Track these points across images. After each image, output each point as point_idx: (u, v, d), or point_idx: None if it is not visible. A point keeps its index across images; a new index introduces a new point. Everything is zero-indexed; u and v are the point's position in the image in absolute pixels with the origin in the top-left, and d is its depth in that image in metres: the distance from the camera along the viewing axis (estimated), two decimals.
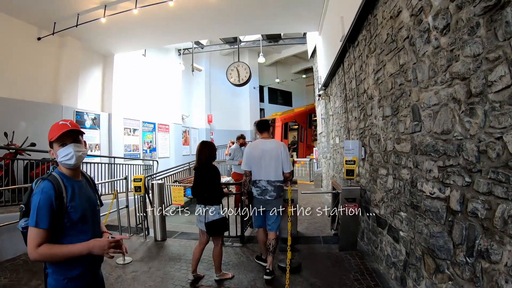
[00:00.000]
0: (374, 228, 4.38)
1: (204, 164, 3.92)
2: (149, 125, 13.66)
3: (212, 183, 3.88)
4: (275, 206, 4.08)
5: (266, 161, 4.04)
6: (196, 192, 3.94)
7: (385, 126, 3.76)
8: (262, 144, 4.12)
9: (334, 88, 7.73)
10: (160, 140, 14.31)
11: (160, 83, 14.40)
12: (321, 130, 10.97)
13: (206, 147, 3.95)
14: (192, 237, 5.69)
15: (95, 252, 1.71)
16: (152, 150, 13.79)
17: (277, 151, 4.05)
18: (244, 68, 10.26)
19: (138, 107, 12.82)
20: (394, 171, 3.53)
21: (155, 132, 14.05)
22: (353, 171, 4.51)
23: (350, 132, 5.97)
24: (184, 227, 6.67)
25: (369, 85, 4.38)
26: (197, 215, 3.93)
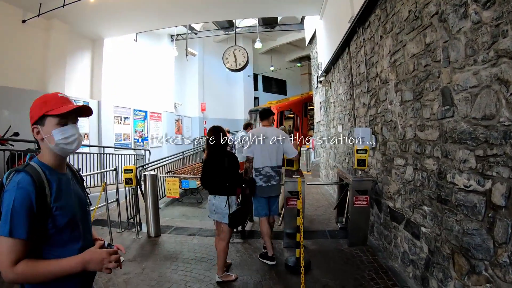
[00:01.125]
0: (387, 222, 4.12)
1: (220, 151, 3.64)
2: (141, 113, 13.32)
3: (232, 171, 3.60)
4: (278, 190, 4.22)
5: (269, 148, 4.10)
6: (211, 182, 3.65)
7: (404, 112, 3.46)
8: (264, 131, 4.17)
9: (337, 74, 7.40)
10: (152, 128, 14.02)
11: (152, 70, 14.02)
12: (320, 118, 10.67)
13: (219, 133, 3.66)
14: (189, 232, 5.37)
15: (91, 267, 1.34)
16: (144, 139, 13.47)
17: (277, 138, 4.13)
18: (241, 52, 9.83)
19: (129, 95, 12.45)
20: (415, 161, 3.24)
21: (147, 121, 13.70)
22: (364, 161, 4.22)
23: (356, 119, 5.67)
24: (179, 221, 6.35)
25: (383, 68, 4.06)
26: (211, 207, 3.66)
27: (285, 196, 4.42)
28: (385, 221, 4.18)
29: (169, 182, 5.57)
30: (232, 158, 3.66)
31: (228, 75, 19.57)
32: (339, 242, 4.66)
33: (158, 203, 5.55)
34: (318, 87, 10.67)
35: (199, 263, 4.14)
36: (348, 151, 6.42)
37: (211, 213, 3.70)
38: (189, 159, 12.42)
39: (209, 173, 3.64)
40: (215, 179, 3.59)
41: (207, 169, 3.66)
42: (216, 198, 3.60)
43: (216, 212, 3.62)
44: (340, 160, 7.40)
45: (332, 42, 7.03)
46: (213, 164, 3.61)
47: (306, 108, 17.07)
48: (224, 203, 3.55)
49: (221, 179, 3.56)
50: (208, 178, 3.65)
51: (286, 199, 4.38)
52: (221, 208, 3.56)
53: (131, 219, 5.69)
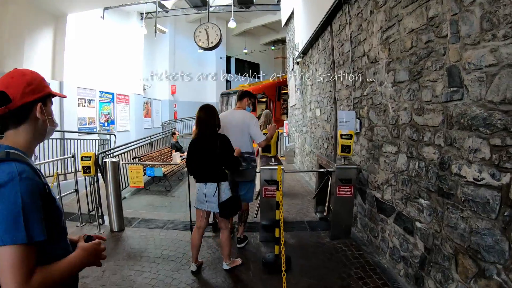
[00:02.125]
0: (373, 214, 3.84)
1: (211, 134, 3.23)
2: (107, 96, 12.65)
3: (226, 154, 3.24)
4: (247, 176, 3.91)
5: (233, 131, 3.77)
6: (201, 168, 3.26)
7: (397, 94, 3.13)
8: (230, 115, 3.92)
9: (315, 55, 7.02)
10: (119, 112, 13.39)
11: (120, 50, 13.27)
12: (295, 102, 10.32)
13: (211, 113, 3.27)
14: (156, 225, 4.90)
15: (90, 262, 1.23)
16: (111, 123, 12.82)
17: (243, 122, 3.83)
18: (214, 30, 9.17)
19: (94, 76, 11.74)
20: (410, 148, 2.93)
21: (114, 103, 13.04)
22: (349, 147, 3.89)
23: (337, 102, 5.34)
24: (145, 212, 5.85)
25: (372, 46, 3.70)
26: (197, 195, 3.33)
27: (261, 185, 4.03)
28: (371, 213, 3.90)
29: (132, 170, 5.02)
30: (227, 140, 3.27)
31: (200, 57, 19.21)
32: (320, 235, 4.36)
33: (120, 194, 5.02)
34: (293, 70, 10.30)
35: (166, 262, 3.70)
36: (327, 136, 6.11)
37: (200, 203, 3.32)
38: (157, 143, 11.80)
39: (198, 158, 3.24)
40: (206, 164, 3.22)
41: (195, 152, 3.25)
42: (208, 186, 3.24)
43: (209, 201, 3.25)
44: (317, 145, 7.10)
45: (311, 21, 6.60)
46: (204, 147, 3.21)
47: (280, 91, 16.85)
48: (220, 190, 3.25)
49: (214, 164, 3.20)
50: (197, 163, 3.26)
51: (262, 188, 4.00)
52: (215, 196, 3.23)
53: (92, 211, 5.12)
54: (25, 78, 1.15)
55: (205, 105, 3.31)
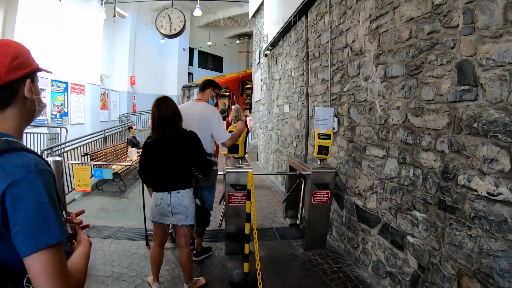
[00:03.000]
0: (352, 223, 3.55)
1: (176, 132, 2.67)
2: (60, 85, 11.71)
3: (198, 155, 2.76)
4: (204, 182, 3.26)
5: (189, 128, 3.08)
6: (160, 176, 2.70)
7: (388, 90, 2.82)
8: (188, 108, 3.26)
9: (286, 48, 6.65)
10: (73, 103, 12.53)
11: (77, 36, 12.28)
12: (260, 97, 9.95)
13: (172, 105, 2.69)
14: (106, 233, 4.29)
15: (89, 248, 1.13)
16: (64, 115, 11.95)
17: (202, 116, 3.21)
18: (178, 16, 8.50)
19: (47, 63, 10.28)
20: (403, 153, 2.63)
21: (67, 94, 12.23)
22: (327, 148, 3.54)
23: (310, 98, 5.01)
24: (95, 218, 5.19)
25: (357, 36, 3.37)
26: (158, 207, 2.72)
27: (226, 190, 3.58)
28: (350, 221, 3.61)
29: (77, 171, 4.35)
30: (196, 138, 2.77)
31: (162, 48, 18.82)
32: (292, 245, 4.01)
33: (65, 198, 4.36)
34: (259, 63, 9.91)
35: (117, 283, 3.14)
36: (297, 134, 5.79)
37: (163, 216, 2.72)
38: (113, 138, 10.94)
39: (161, 163, 2.66)
40: (172, 170, 2.68)
41: (156, 157, 2.67)
42: (174, 195, 2.67)
43: (176, 213, 2.69)
44: (285, 144, 6.77)
45: (284, 10, 6.21)
46: (168, 150, 2.65)
47: (243, 86, 16.60)
48: (189, 198, 2.70)
49: (184, 168, 2.70)
50: (158, 169, 2.68)
51: (228, 194, 3.55)
52: (185, 206, 2.69)
53: None
54: (10, 50, 0.98)
55: (161, 98, 2.71)
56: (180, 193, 2.67)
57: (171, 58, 20.20)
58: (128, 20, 16.34)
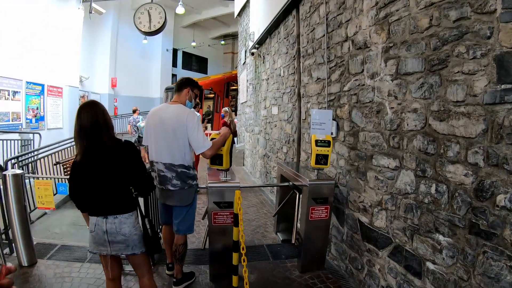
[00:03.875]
0: (355, 242, 3.15)
1: (105, 143, 2.15)
2: (36, 87, 11.12)
3: (135, 170, 2.24)
4: (180, 200, 2.91)
5: (163, 135, 2.83)
6: (92, 197, 2.21)
7: (401, 89, 2.42)
8: (161, 111, 2.91)
9: (274, 45, 6.24)
10: (50, 106, 11.87)
11: (55, 36, 11.63)
12: (246, 98, 9.52)
13: (97, 112, 2.16)
14: (77, 255, 3.77)
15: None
16: (40, 119, 11.35)
17: (178, 121, 2.78)
18: (158, 12, 8.01)
19: (21, 64, 10.16)
20: (421, 164, 2.24)
21: (44, 96, 11.55)
22: (327, 157, 3.13)
23: (303, 99, 4.61)
24: (66, 235, 4.66)
25: (360, 28, 2.98)
26: (100, 236, 2.20)
27: (209, 208, 3.11)
28: (352, 239, 3.21)
29: (39, 186, 3.81)
30: (133, 149, 2.26)
31: (145, 48, 18.56)
32: (287, 266, 3.59)
33: (27, 218, 3.81)
34: (245, 63, 9.50)
35: None
36: (287, 138, 5.38)
37: (99, 246, 2.22)
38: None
39: (91, 183, 2.17)
40: (106, 189, 2.17)
41: (84, 176, 2.18)
42: (111, 221, 2.16)
43: (113, 242, 2.19)
44: (273, 149, 6.35)
45: (272, 4, 5.81)
46: (98, 166, 2.14)
47: (228, 88, 16.32)
48: (129, 224, 2.20)
49: (117, 187, 2.19)
50: (89, 191, 2.19)
51: (211, 213, 3.08)
52: (125, 234, 2.19)
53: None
54: None
55: (84, 104, 2.21)
56: (117, 218, 2.18)
57: (154, 59, 19.87)
58: (109, 19, 15.93)
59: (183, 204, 2.92)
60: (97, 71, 16.02)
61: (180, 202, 2.91)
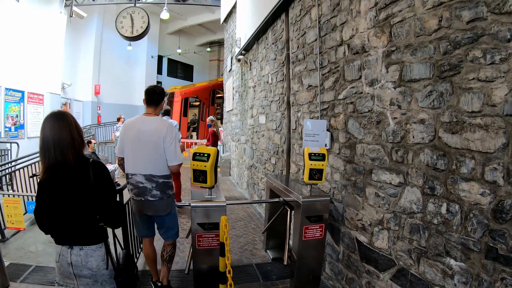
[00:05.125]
0: (352, 262, 2.95)
1: (73, 161, 1.86)
2: (16, 94, 10.95)
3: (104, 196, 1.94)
4: (159, 210, 3.00)
5: (143, 147, 2.92)
6: (57, 222, 1.92)
7: (405, 98, 2.24)
8: (141, 123, 2.99)
9: (262, 51, 6.07)
10: (30, 114, 11.75)
11: (36, 41, 11.44)
12: (232, 107, 9.32)
13: (65, 124, 1.90)
14: (51, 277, 3.42)
15: None
16: (20, 128, 11.18)
17: (158, 134, 2.91)
18: (141, 16, 7.80)
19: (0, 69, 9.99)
20: (429, 181, 2.05)
21: (24, 104, 11.38)
22: (321, 171, 2.92)
23: (293, 108, 4.43)
24: (42, 254, 4.29)
25: (357, 31, 2.81)
26: (65, 268, 1.94)
27: (192, 230, 2.84)
28: (349, 259, 3.01)
29: (7, 204, 3.47)
30: (103, 172, 1.97)
31: (129, 55, 18.35)
32: (278, 287, 3.35)
33: None
34: (232, 70, 9.33)
35: None
36: (276, 149, 5.18)
37: (65, 278, 1.96)
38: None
39: (56, 205, 1.88)
40: (66, 216, 1.88)
41: (49, 196, 1.89)
42: (76, 252, 1.90)
43: (80, 276, 1.92)
44: (261, 160, 6.14)
45: (260, 9, 5.64)
46: (64, 187, 1.87)
47: (214, 95, 16.22)
48: (97, 257, 1.93)
49: (82, 214, 1.89)
50: (52, 214, 1.90)
51: (195, 236, 2.79)
52: (92, 269, 1.92)
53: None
54: None
55: (52, 114, 1.95)
56: (83, 250, 1.91)
57: (139, 66, 19.60)
58: (93, 24, 15.67)
59: (163, 214, 3.01)
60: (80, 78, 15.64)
61: (160, 212, 2.99)
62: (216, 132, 7.10)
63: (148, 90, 3.15)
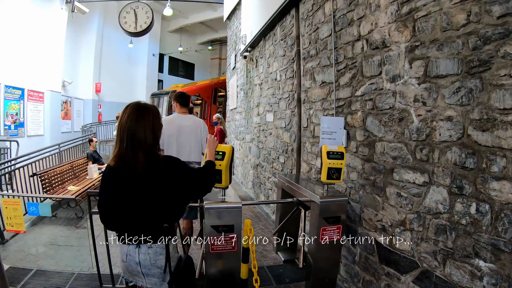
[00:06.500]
0: (370, 264, 2.95)
1: (144, 158, 1.86)
2: (16, 92, 10.99)
3: (182, 194, 1.99)
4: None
5: (185, 138, 3.84)
6: (124, 219, 1.89)
7: (431, 94, 2.24)
8: (180, 120, 3.91)
9: (269, 48, 6.07)
10: (30, 112, 11.79)
11: (36, 38, 11.49)
12: (236, 105, 9.32)
13: (146, 116, 1.95)
14: (53, 282, 3.44)
15: None
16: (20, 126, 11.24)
17: (198, 127, 3.95)
18: (145, 11, 7.79)
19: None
20: (457, 180, 2.05)
21: (24, 101, 11.41)
22: (340, 170, 2.92)
23: (304, 105, 4.42)
24: (43, 257, 4.31)
25: (377, 25, 2.81)
26: (125, 264, 1.98)
27: (205, 232, 2.81)
28: (367, 261, 3.01)
29: (6, 205, 3.47)
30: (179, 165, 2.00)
31: (130, 53, 18.50)
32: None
33: None
34: (235, 68, 9.33)
35: None
36: (285, 148, 5.18)
37: (131, 275, 2.01)
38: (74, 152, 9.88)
39: (124, 201, 1.87)
40: (139, 213, 1.86)
41: (117, 190, 1.89)
42: (144, 251, 1.91)
43: (148, 274, 1.95)
44: (268, 159, 6.14)
45: (268, 5, 5.64)
46: (133, 183, 1.86)
47: (216, 94, 16.27)
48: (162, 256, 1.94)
49: (156, 213, 1.89)
50: (121, 210, 1.87)
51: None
52: (160, 267, 1.94)
53: None
54: None
55: (134, 104, 2.00)
56: (153, 248, 1.92)
57: (140, 64, 19.75)
58: (94, 21, 15.76)
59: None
60: (81, 76, 15.71)
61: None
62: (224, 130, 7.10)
63: (183, 95, 4.01)
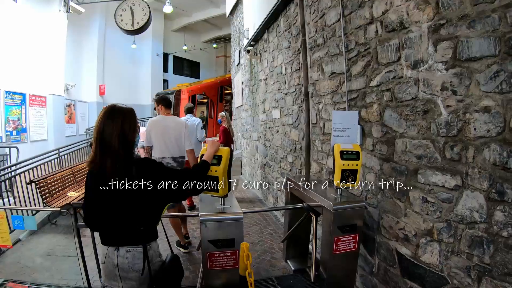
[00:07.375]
0: (391, 277, 2.64)
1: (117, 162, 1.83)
2: (17, 97, 10.83)
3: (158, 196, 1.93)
4: None
5: (170, 136, 4.28)
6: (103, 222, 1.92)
7: (463, 81, 1.90)
8: (164, 121, 4.38)
9: (273, 40, 5.76)
10: (32, 117, 11.65)
11: (37, 41, 11.44)
12: (242, 102, 9.04)
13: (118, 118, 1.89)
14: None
15: None
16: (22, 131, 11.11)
17: (179, 128, 4.36)
18: (141, 8, 7.62)
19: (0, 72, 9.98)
20: (497, 184, 1.72)
21: (25, 106, 11.24)
22: (355, 172, 2.60)
23: (312, 99, 4.10)
24: (39, 268, 4.14)
25: (392, 5, 2.47)
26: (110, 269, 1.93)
27: (203, 247, 2.51)
28: (386, 273, 2.69)
29: None
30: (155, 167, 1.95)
31: (134, 53, 18.52)
32: None
33: None
34: (240, 64, 9.09)
35: None
36: (293, 146, 4.88)
37: (109, 279, 1.96)
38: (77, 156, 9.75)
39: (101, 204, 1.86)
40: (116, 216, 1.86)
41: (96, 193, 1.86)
42: (122, 253, 1.88)
43: (125, 278, 1.90)
44: (276, 158, 5.83)
45: None
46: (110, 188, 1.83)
47: (222, 92, 16.14)
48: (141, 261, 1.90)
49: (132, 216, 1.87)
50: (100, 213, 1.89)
51: (206, 255, 2.42)
52: (136, 271, 1.90)
53: None
54: None
55: (108, 107, 1.94)
56: (131, 252, 1.88)
57: (144, 64, 19.70)
58: (96, 23, 15.73)
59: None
60: (84, 78, 15.66)
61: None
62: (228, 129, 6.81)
63: (165, 99, 4.54)
